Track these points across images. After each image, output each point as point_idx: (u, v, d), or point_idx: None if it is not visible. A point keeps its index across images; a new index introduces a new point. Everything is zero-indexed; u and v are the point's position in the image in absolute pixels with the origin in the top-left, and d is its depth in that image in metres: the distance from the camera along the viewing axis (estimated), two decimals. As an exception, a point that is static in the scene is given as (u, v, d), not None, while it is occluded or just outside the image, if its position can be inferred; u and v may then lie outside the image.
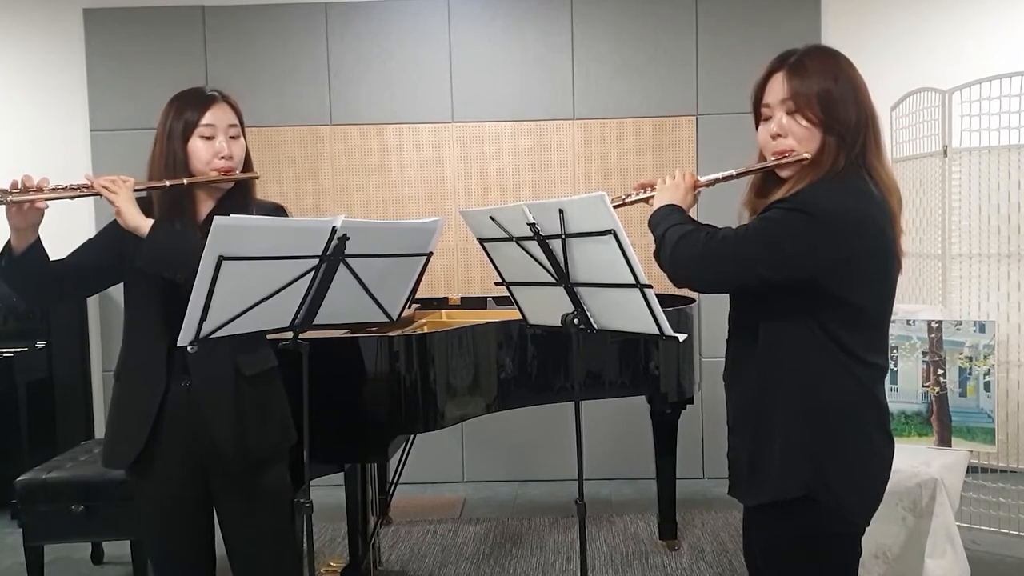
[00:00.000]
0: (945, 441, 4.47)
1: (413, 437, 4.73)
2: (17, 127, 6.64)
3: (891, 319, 2.50)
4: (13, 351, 5.79)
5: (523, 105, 6.53)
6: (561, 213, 2.67)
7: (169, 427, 2.95)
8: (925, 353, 4.51)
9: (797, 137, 2.42)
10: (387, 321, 3.05)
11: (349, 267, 2.80)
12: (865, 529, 2.50)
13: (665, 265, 2.49)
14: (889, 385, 4.18)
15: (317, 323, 2.93)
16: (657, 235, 2.54)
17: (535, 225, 2.76)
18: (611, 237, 2.58)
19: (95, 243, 3.05)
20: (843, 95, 2.40)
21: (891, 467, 2.50)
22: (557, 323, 2.97)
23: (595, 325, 2.94)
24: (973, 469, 4.85)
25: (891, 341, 4.22)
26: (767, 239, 2.32)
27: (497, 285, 3.20)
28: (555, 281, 2.88)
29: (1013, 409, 5.02)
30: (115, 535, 4.51)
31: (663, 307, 2.71)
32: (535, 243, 2.81)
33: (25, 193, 2.72)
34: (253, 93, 6.36)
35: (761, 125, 2.53)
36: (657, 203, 2.64)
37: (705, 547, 5.25)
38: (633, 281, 2.65)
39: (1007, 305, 5.07)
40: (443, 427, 4.15)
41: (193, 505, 3.05)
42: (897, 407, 4.46)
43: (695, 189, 2.66)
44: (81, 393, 6.49)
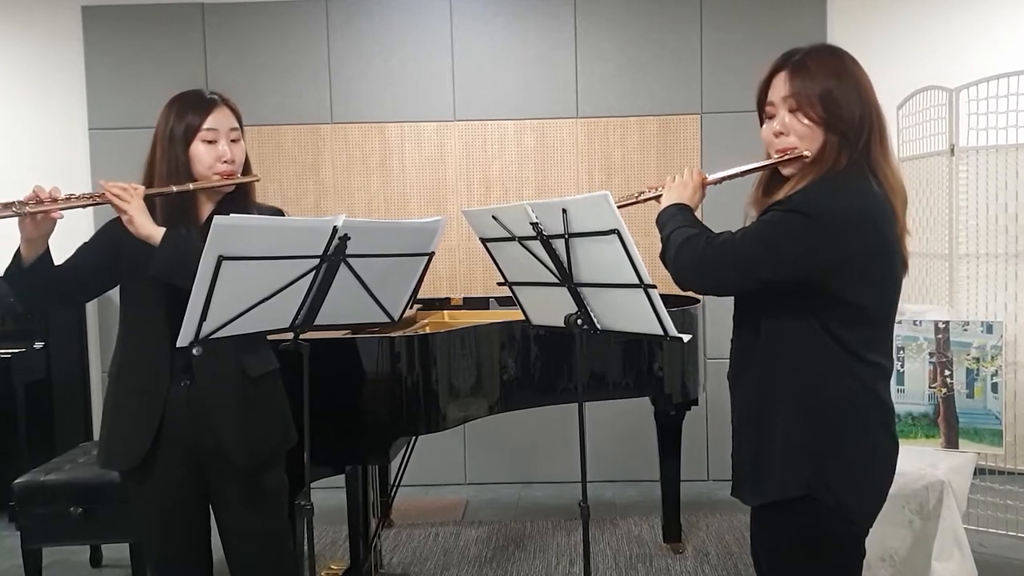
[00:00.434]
0: (952, 443, 4.46)
1: (415, 439, 4.72)
2: (15, 126, 6.64)
3: (897, 319, 2.50)
4: (11, 352, 5.79)
5: (526, 103, 6.53)
6: (564, 212, 2.67)
7: (170, 428, 2.95)
8: (932, 354, 4.51)
9: (799, 135, 2.44)
10: (389, 322, 3.05)
11: (350, 267, 2.80)
12: (868, 530, 2.50)
13: (669, 268, 2.52)
14: (896, 386, 4.18)
15: (318, 324, 2.93)
16: (663, 236, 2.57)
17: (538, 225, 2.76)
18: (615, 237, 2.59)
19: (92, 246, 3.05)
20: (846, 94, 2.42)
21: (895, 468, 2.51)
22: (560, 324, 2.97)
23: (599, 326, 2.94)
24: (980, 471, 4.85)
25: (898, 342, 4.23)
26: (766, 242, 2.34)
27: (500, 285, 3.20)
28: (558, 281, 2.88)
29: (1021, 411, 5.01)
30: (114, 537, 4.50)
31: (667, 307, 2.72)
32: (538, 243, 2.81)
33: (40, 204, 2.73)
34: (253, 91, 6.37)
35: (765, 123, 2.55)
36: (665, 202, 2.65)
37: (710, 550, 5.25)
38: (637, 281, 2.65)
39: (1015, 305, 5.06)
40: (445, 428, 4.15)
41: (192, 506, 3.06)
42: (904, 408, 4.46)
43: (703, 187, 2.69)
44: (79, 394, 6.49)
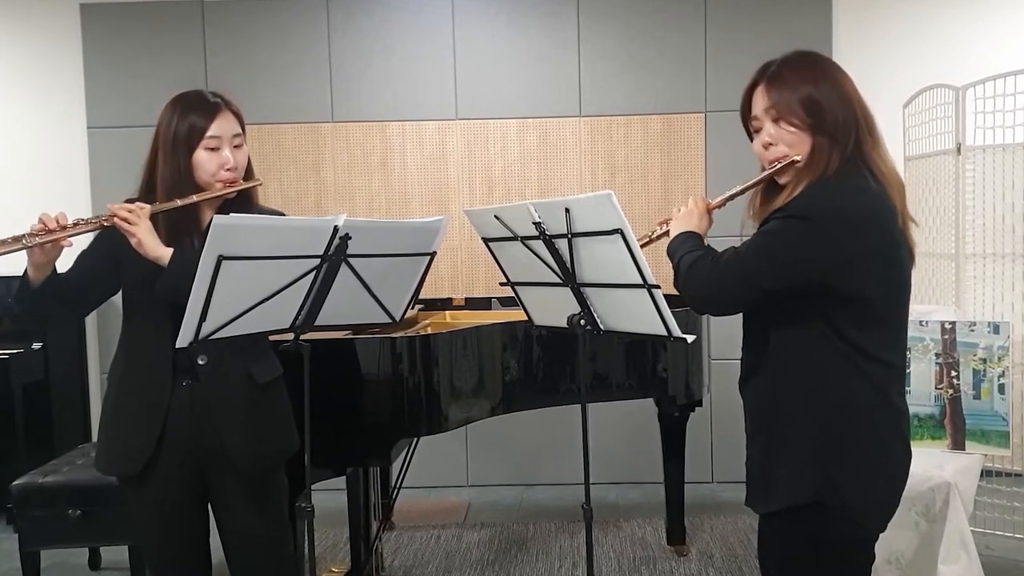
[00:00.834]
0: (959, 444, 4.46)
1: (416, 440, 4.73)
2: (14, 125, 6.65)
3: (907, 318, 2.51)
4: (9, 353, 5.79)
5: (528, 102, 6.53)
6: (567, 212, 2.67)
7: (173, 431, 2.95)
8: (938, 355, 4.50)
9: (787, 143, 2.47)
10: (390, 322, 3.05)
11: (351, 267, 2.81)
12: (878, 535, 2.50)
13: (681, 293, 2.55)
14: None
15: (318, 324, 2.94)
16: (674, 265, 2.59)
17: (541, 224, 2.76)
18: (618, 236, 2.59)
19: (91, 253, 3.02)
20: (826, 96, 2.44)
21: (907, 473, 2.51)
22: (563, 324, 2.97)
23: (602, 326, 2.94)
24: (987, 473, 4.85)
25: (904, 342, 4.22)
26: (766, 252, 2.38)
27: (502, 285, 3.20)
28: (561, 281, 2.88)
29: (1028, 412, 5.02)
30: (113, 540, 4.51)
31: (671, 308, 2.72)
32: (541, 243, 2.81)
33: (49, 234, 2.74)
34: (253, 89, 6.37)
35: (755, 137, 2.59)
36: (673, 232, 2.67)
37: (714, 552, 5.25)
38: (641, 281, 2.65)
39: (1022, 306, 5.06)
40: (447, 430, 4.15)
41: (191, 508, 3.06)
42: (910, 410, 4.45)
43: (709, 212, 2.71)
44: (78, 396, 6.49)
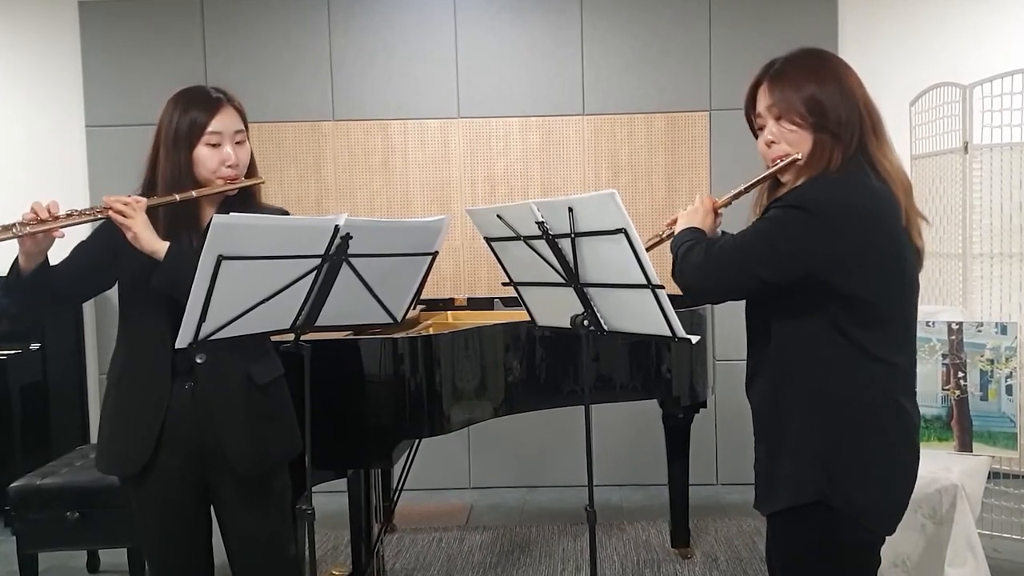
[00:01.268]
0: (966, 446, 4.46)
1: (418, 442, 4.73)
2: (11, 123, 6.65)
3: (915, 319, 2.51)
4: (7, 354, 5.80)
5: (531, 100, 6.53)
6: (570, 211, 2.67)
7: (173, 431, 2.95)
8: (945, 355, 4.50)
9: (789, 142, 2.49)
10: (391, 322, 3.05)
11: (352, 267, 2.81)
12: (884, 539, 2.50)
13: (676, 281, 2.56)
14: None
15: (319, 325, 2.94)
16: (673, 256, 2.61)
17: (544, 224, 2.76)
18: (622, 236, 2.59)
19: (89, 245, 3.04)
20: (829, 94, 2.45)
21: (915, 476, 2.51)
22: (566, 325, 2.97)
23: (605, 327, 2.94)
24: (995, 475, 4.84)
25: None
26: (764, 240, 2.39)
27: (505, 285, 3.20)
28: (564, 281, 2.89)
29: (1036, 413, 5.01)
30: (112, 543, 4.50)
31: (675, 308, 2.72)
32: (544, 242, 2.81)
33: (41, 224, 2.74)
34: (253, 88, 6.36)
35: (759, 135, 2.61)
36: (678, 228, 2.68)
37: (719, 555, 5.25)
38: (644, 281, 2.65)
39: (1030, 306, 5.06)
40: (449, 431, 4.15)
41: (193, 509, 3.06)
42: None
43: (715, 210, 2.74)
44: (76, 397, 6.50)
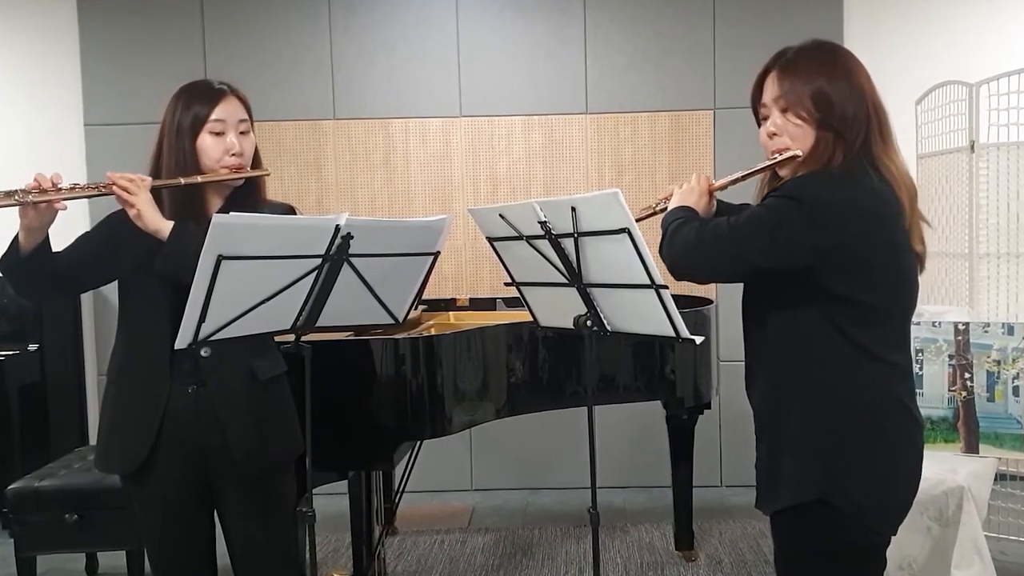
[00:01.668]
0: (972, 448, 4.45)
1: (420, 443, 4.73)
2: (9, 121, 6.65)
3: (915, 321, 2.52)
4: (5, 354, 5.80)
5: (534, 98, 6.53)
6: (573, 211, 2.67)
7: (173, 430, 2.94)
8: (951, 356, 4.49)
9: (792, 135, 2.49)
10: (393, 323, 3.05)
11: (353, 267, 2.81)
12: (889, 539, 2.50)
13: (663, 256, 2.56)
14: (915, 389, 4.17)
15: (320, 325, 2.93)
16: (663, 232, 2.61)
17: (546, 223, 2.76)
18: (625, 236, 2.59)
19: (92, 237, 3.05)
20: (838, 91, 2.45)
21: (917, 478, 2.51)
22: (569, 325, 2.97)
23: (609, 327, 2.94)
24: (1001, 477, 4.84)
25: (916, 344, 4.22)
26: (758, 226, 2.39)
27: (507, 286, 3.20)
28: (567, 281, 2.88)
29: (1044, 415, 5.01)
30: (110, 545, 4.51)
31: (679, 308, 2.72)
32: (546, 242, 2.81)
33: (43, 194, 2.73)
34: (254, 86, 6.26)
35: (762, 124, 2.61)
36: (672, 205, 2.69)
37: (723, 558, 5.25)
38: (648, 282, 2.65)
39: (1037, 306, 5.06)
40: (451, 433, 4.15)
41: (195, 510, 3.06)
42: (922, 412, 4.44)
43: (710, 193, 2.74)
44: (75, 397, 6.49)
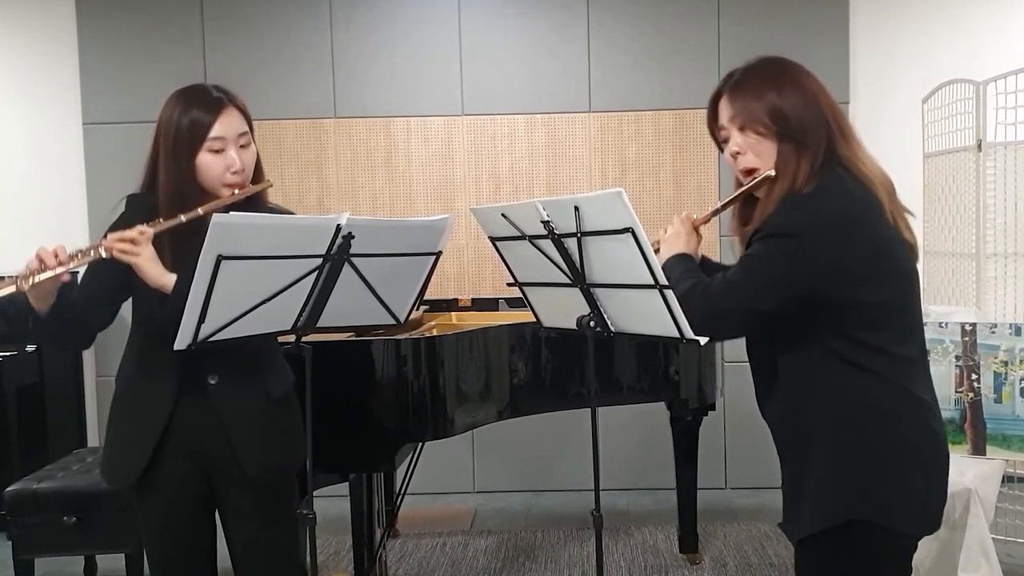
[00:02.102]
0: (979, 449, 4.45)
1: (421, 445, 4.73)
2: (9, 121, 6.66)
3: (920, 310, 2.52)
4: (2, 355, 5.80)
5: (537, 97, 6.53)
6: (577, 210, 2.66)
7: (178, 439, 2.94)
8: (958, 357, 4.49)
9: (755, 151, 2.52)
10: (394, 324, 3.05)
11: (354, 267, 2.81)
12: (917, 546, 2.50)
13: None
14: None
15: (321, 326, 2.93)
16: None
17: (549, 223, 2.76)
18: (629, 235, 2.58)
19: (95, 273, 2.96)
20: (790, 102, 2.48)
21: (947, 468, 2.50)
22: (572, 326, 2.97)
23: (612, 328, 2.93)
24: (1009, 479, 4.83)
25: (923, 345, 4.20)
26: (755, 274, 2.43)
27: (510, 286, 3.20)
28: (570, 282, 2.88)
29: (1051, 416, 5.00)
30: (109, 548, 4.50)
31: (683, 309, 2.72)
32: (549, 242, 2.81)
33: (43, 272, 2.68)
34: (254, 84, 6.37)
35: (724, 148, 2.64)
36: (663, 255, 2.71)
37: (728, 561, 5.25)
38: (652, 282, 2.65)
39: (1044, 307, 5.05)
40: (453, 435, 4.16)
41: (195, 512, 3.06)
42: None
43: (696, 230, 2.77)
44: (73, 399, 6.49)
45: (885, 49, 6.35)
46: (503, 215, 2.92)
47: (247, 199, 2.98)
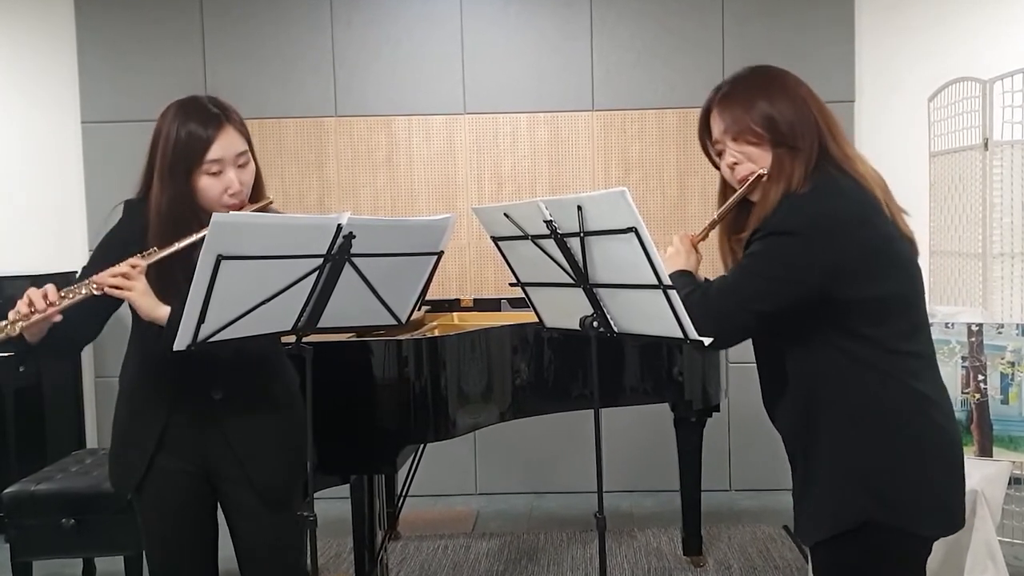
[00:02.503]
0: (986, 451, 4.44)
1: (423, 447, 4.73)
2: (7, 120, 6.66)
3: (925, 305, 2.53)
4: (0, 357, 5.79)
5: (539, 95, 6.53)
6: (580, 210, 2.66)
7: (178, 444, 2.95)
8: (965, 358, 4.48)
9: (752, 159, 2.56)
10: (395, 324, 3.05)
11: (355, 267, 2.81)
12: (931, 548, 2.51)
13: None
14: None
15: (321, 326, 2.93)
16: None
17: (552, 222, 2.75)
18: (632, 235, 2.58)
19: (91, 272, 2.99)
20: (780, 108, 2.53)
21: (962, 462, 2.52)
22: (575, 326, 2.96)
23: (616, 328, 2.93)
24: (1016, 481, 4.83)
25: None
26: (756, 274, 2.45)
27: (512, 286, 3.19)
28: (573, 282, 2.88)
29: (1059, 418, 5.00)
30: (108, 550, 4.50)
31: (687, 309, 2.72)
32: (552, 241, 2.81)
33: (32, 315, 2.66)
34: (254, 83, 6.38)
35: (720, 161, 2.68)
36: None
37: (732, 563, 5.24)
38: (656, 282, 2.65)
39: (1052, 307, 5.05)
40: (455, 436, 4.15)
41: (196, 513, 3.06)
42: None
43: (695, 247, 2.81)
44: (72, 401, 6.49)
45: (891, 47, 6.34)
46: (505, 215, 2.92)
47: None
